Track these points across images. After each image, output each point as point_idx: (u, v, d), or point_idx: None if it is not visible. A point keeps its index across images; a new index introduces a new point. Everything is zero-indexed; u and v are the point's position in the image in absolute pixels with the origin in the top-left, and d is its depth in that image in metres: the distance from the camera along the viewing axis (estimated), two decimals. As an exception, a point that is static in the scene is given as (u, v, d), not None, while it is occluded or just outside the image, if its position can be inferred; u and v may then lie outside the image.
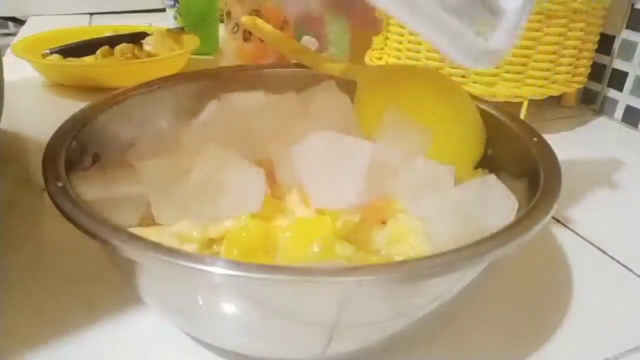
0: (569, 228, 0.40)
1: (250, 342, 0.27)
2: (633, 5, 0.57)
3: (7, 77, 0.45)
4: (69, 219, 0.24)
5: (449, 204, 0.28)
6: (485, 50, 0.25)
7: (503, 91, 0.52)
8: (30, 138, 0.53)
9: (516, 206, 0.27)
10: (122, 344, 0.29)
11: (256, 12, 0.67)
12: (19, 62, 0.64)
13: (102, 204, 0.25)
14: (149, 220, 0.28)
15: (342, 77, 0.39)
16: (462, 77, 0.53)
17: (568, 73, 0.53)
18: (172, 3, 0.80)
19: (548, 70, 0.52)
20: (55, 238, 0.36)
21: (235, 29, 0.68)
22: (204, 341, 0.28)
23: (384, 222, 0.29)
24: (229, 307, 0.24)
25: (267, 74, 0.43)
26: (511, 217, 0.27)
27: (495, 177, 0.30)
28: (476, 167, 0.35)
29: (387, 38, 0.59)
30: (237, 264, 0.21)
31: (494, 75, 0.52)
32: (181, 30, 0.74)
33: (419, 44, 0.55)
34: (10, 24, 1.05)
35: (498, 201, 0.27)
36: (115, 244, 0.22)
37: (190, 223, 0.27)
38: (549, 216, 0.25)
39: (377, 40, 0.60)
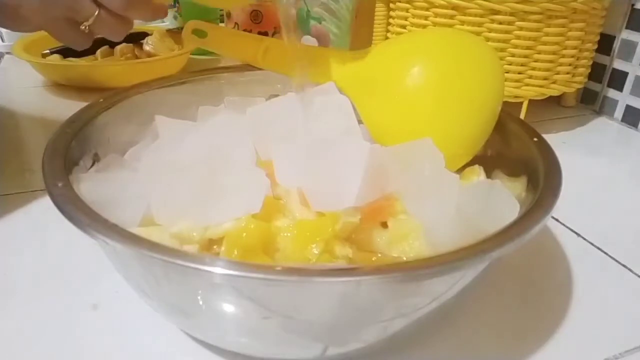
0: (569, 228, 0.40)
1: (250, 342, 0.27)
2: (633, 5, 0.57)
3: (7, 77, 0.45)
4: (70, 219, 0.24)
5: (451, 207, 0.28)
6: None
7: (503, 91, 0.52)
8: (30, 138, 0.53)
9: (518, 211, 0.27)
10: (123, 344, 0.29)
11: (256, 12, 0.67)
12: (19, 62, 0.64)
13: (102, 204, 0.25)
14: (149, 220, 0.28)
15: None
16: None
17: (568, 73, 0.53)
18: (172, 3, 0.80)
19: (548, 70, 0.52)
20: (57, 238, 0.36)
21: (236, 29, 0.68)
22: (204, 341, 0.28)
23: (384, 223, 0.29)
24: (229, 307, 0.24)
25: (266, 74, 0.43)
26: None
27: (500, 182, 0.29)
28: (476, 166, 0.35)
29: (387, 38, 0.59)
30: (237, 264, 0.21)
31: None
32: (181, 30, 0.74)
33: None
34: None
35: (500, 205, 0.27)
36: (115, 244, 0.22)
37: (190, 224, 0.27)
38: (549, 216, 0.25)
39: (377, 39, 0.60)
